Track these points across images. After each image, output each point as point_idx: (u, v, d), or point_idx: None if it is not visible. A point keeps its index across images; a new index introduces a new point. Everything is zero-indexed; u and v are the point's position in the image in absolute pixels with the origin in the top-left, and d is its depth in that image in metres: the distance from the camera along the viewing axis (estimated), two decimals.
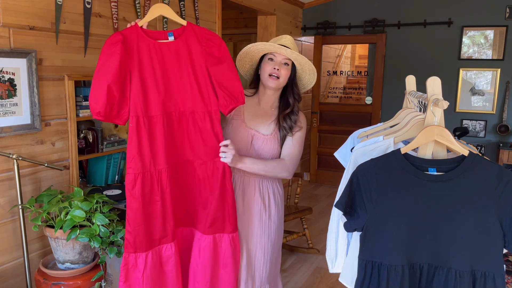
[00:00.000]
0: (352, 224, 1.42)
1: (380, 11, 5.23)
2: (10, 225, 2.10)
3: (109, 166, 2.66)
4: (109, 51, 1.64)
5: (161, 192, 1.72)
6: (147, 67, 1.72)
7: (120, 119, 1.68)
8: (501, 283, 1.28)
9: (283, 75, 1.91)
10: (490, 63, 4.80)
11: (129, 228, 1.68)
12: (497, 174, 1.27)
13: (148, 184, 1.69)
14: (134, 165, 1.67)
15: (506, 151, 4.55)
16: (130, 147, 1.68)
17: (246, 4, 4.18)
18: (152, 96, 1.71)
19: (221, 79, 1.77)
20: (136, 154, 1.67)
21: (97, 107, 1.62)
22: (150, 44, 1.73)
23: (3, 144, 2.03)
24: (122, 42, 1.66)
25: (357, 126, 2.31)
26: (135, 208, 1.67)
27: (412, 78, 1.88)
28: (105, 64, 1.64)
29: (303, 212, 3.65)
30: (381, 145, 1.54)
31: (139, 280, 1.70)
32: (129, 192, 1.67)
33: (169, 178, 1.74)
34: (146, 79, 1.71)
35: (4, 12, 1.99)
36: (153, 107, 1.71)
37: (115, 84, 1.63)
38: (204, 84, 1.77)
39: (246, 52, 1.97)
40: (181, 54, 1.76)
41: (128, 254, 1.69)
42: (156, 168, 1.71)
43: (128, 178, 1.67)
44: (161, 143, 1.72)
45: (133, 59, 1.70)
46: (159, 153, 1.71)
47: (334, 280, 3.23)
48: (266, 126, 1.98)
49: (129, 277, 1.70)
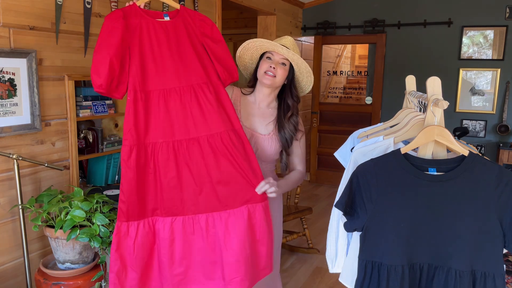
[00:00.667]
0: (352, 224, 1.42)
1: (380, 11, 5.23)
2: (10, 225, 2.10)
3: (109, 166, 2.66)
4: (111, 26, 1.70)
5: (153, 165, 1.75)
6: (146, 44, 1.78)
7: (119, 93, 1.75)
8: (501, 283, 1.28)
9: (279, 74, 1.91)
10: (490, 63, 4.80)
11: (122, 198, 1.71)
12: (497, 174, 1.27)
13: (143, 156, 1.73)
14: (130, 137, 1.71)
15: (506, 151, 4.55)
16: (126, 120, 1.72)
17: (246, 4, 4.18)
18: (150, 72, 1.77)
19: (218, 56, 1.86)
20: (133, 127, 1.72)
21: (99, 80, 1.67)
22: (149, 22, 1.79)
23: (3, 144, 2.03)
24: (123, 18, 1.73)
25: (357, 126, 2.31)
26: (130, 178, 1.71)
27: (412, 78, 1.88)
28: (107, 38, 1.69)
29: (303, 212, 3.65)
30: (381, 145, 1.54)
31: (130, 248, 1.73)
32: (124, 163, 1.71)
33: (163, 152, 1.76)
34: (145, 55, 1.77)
35: (4, 12, 1.99)
36: (150, 83, 1.77)
37: (116, 58, 1.68)
38: (203, 59, 1.85)
39: (245, 48, 1.97)
40: (178, 32, 1.83)
41: (120, 222, 1.72)
42: (151, 141, 1.75)
43: (123, 149, 1.71)
44: (158, 118, 1.76)
45: (133, 36, 1.76)
46: (155, 127, 1.75)
47: (334, 280, 3.23)
48: (264, 126, 1.97)
49: (120, 245, 1.73)
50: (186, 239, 1.78)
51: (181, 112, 1.78)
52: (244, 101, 2.00)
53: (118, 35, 1.70)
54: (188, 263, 1.78)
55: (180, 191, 1.78)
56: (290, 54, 1.89)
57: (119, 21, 1.71)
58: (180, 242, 1.77)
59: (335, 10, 5.49)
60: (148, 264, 1.78)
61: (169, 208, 1.78)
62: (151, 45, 1.78)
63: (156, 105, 1.76)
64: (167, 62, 1.80)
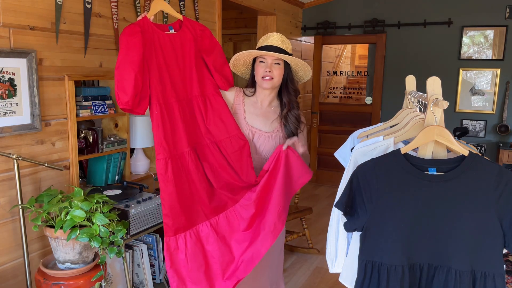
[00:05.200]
0: (352, 224, 1.42)
1: (380, 11, 5.23)
2: (10, 225, 2.10)
3: (109, 166, 2.66)
4: (132, 42, 1.71)
5: (185, 174, 1.80)
6: (160, 58, 1.82)
7: (141, 108, 1.76)
8: (501, 283, 1.28)
9: (276, 75, 1.95)
10: (490, 63, 4.80)
11: (166, 212, 1.74)
12: (497, 174, 1.27)
13: (176, 167, 1.77)
14: (163, 151, 1.74)
15: (506, 151, 4.55)
16: (156, 134, 1.75)
17: (246, 4, 4.18)
18: (167, 85, 1.82)
19: (216, 66, 1.96)
20: (163, 140, 1.75)
21: (125, 97, 1.68)
22: (160, 36, 1.84)
23: (3, 144, 2.03)
24: (141, 33, 1.75)
25: (357, 126, 2.31)
26: (170, 191, 1.74)
27: (412, 78, 1.88)
28: (129, 54, 1.70)
29: (303, 212, 3.65)
30: (381, 145, 1.54)
31: (183, 261, 1.76)
32: (162, 176, 1.73)
33: (192, 159, 1.83)
34: (161, 68, 1.82)
35: (4, 12, 1.98)
36: (168, 95, 1.82)
37: (140, 74, 1.71)
38: (201, 71, 1.93)
39: (237, 59, 2.04)
40: (183, 45, 1.90)
41: (168, 238, 1.75)
42: (179, 151, 1.80)
43: (159, 164, 1.74)
44: (180, 128, 1.81)
45: (150, 50, 1.79)
46: (179, 137, 1.81)
47: (334, 280, 3.23)
48: (268, 124, 2.01)
49: (173, 260, 1.76)
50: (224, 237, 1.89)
51: (191, 121, 1.88)
52: (247, 102, 2.04)
53: (140, 51, 1.71)
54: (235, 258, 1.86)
55: (210, 194, 1.88)
56: (281, 55, 1.92)
57: (138, 36, 1.72)
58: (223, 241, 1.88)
59: (335, 10, 5.48)
60: (207, 273, 1.81)
61: (209, 211, 1.86)
62: (164, 58, 1.83)
63: (176, 116, 1.82)
64: (177, 74, 1.87)
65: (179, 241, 1.77)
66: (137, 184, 2.58)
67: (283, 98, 2.01)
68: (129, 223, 2.16)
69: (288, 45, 1.97)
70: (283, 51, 1.93)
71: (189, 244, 1.78)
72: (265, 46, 1.94)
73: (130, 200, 2.32)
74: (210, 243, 1.83)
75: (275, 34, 1.97)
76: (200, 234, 1.83)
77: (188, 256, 1.77)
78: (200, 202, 1.85)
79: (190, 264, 1.77)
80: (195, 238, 1.81)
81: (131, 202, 2.28)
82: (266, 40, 1.96)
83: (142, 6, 2.82)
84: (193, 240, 1.80)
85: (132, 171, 2.86)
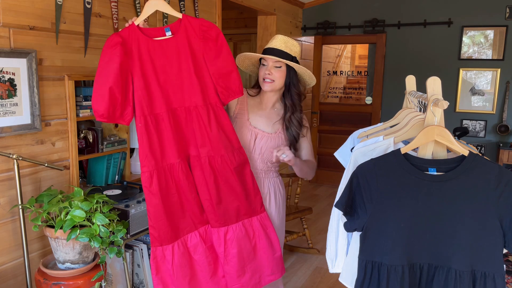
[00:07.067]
0: (352, 224, 1.42)
1: (380, 11, 5.23)
2: (10, 225, 2.10)
3: (109, 166, 2.66)
4: (109, 54, 1.68)
5: (175, 185, 1.77)
6: (147, 66, 1.75)
7: (124, 119, 1.73)
8: (501, 283, 1.28)
9: (276, 77, 1.95)
10: (490, 63, 4.80)
11: (151, 223, 1.73)
12: (497, 174, 1.27)
13: (163, 179, 1.74)
14: (148, 163, 1.72)
15: (506, 151, 4.55)
16: (141, 146, 1.72)
17: (246, 4, 4.18)
18: (156, 94, 1.75)
19: (219, 74, 1.82)
20: (148, 152, 1.72)
21: (100, 109, 1.66)
22: (149, 43, 1.76)
23: (3, 144, 2.03)
24: (121, 44, 1.69)
25: (357, 126, 2.31)
26: (155, 203, 1.72)
27: (412, 78, 1.88)
28: (106, 67, 1.66)
29: (303, 212, 3.65)
30: (381, 145, 1.54)
31: (169, 271, 1.76)
32: (147, 189, 1.72)
33: (182, 171, 1.79)
34: (148, 78, 1.75)
35: (4, 12, 1.98)
36: (157, 105, 1.75)
37: (117, 86, 1.66)
38: (203, 78, 1.82)
39: (241, 60, 2.04)
40: (180, 50, 1.80)
41: (155, 248, 1.74)
42: (168, 162, 1.76)
43: (144, 176, 1.72)
44: (170, 138, 1.76)
45: (133, 60, 1.73)
46: (169, 148, 1.76)
47: (334, 280, 3.23)
48: (271, 125, 2.01)
49: (159, 269, 1.75)
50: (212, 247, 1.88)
51: (186, 131, 1.82)
52: (251, 102, 2.05)
53: (117, 63, 1.66)
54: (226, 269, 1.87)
55: (202, 205, 1.85)
56: (279, 59, 1.91)
57: (117, 48, 1.68)
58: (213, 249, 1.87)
59: (335, 10, 5.48)
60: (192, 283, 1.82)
61: (199, 221, 1.84)
62: (153, 66, 1.75)
63: (166, 126, 1.76)
64: (170, 82, 1.79)
65: (166, 252, 1.75)
66: (137, 184, 2.58)
67: (286, 101, 2.01)
68: (129, 223, 2.16)
69: (294, 48, 1.96)
70: (286, 54, 1.92)
71: (176, 256, 1.77)
72: (267, 48, 1.95)
73: (130, 200, 2.32)
74: (198, 253, 1.82)
75: (279, 37, 1.97)
76: (188, 244, 1.81)
77: (175, 267, 1.76)
78: (191, 213, 1.82)
79: (175, 274, 1.77)
80: (183, 248, 1.79)
81: (131, 202, 2.28)
82: (270, 42, 1.97)
83: (142, 6, 2.82)
84: (181, 251, 1.78)
85: (132, 171, 2.86)
